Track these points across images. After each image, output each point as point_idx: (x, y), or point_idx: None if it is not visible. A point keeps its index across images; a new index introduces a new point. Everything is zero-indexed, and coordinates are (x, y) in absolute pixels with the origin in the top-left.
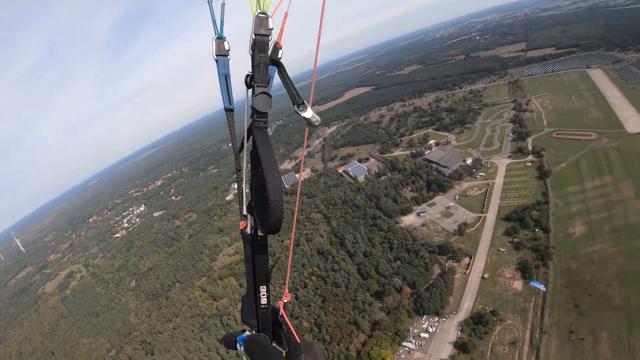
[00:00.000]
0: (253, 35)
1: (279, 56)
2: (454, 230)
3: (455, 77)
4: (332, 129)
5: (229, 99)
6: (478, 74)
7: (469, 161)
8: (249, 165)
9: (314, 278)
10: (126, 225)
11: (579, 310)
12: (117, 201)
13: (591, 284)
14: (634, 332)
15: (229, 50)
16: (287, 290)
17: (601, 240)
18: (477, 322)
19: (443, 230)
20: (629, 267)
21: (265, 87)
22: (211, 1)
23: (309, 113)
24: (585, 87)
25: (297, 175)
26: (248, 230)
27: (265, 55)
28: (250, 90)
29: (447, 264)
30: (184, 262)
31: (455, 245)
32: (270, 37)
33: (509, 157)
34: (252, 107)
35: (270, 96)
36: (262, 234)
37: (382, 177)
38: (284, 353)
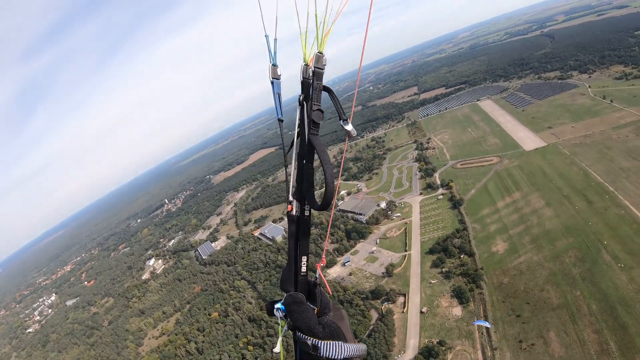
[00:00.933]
0: (312, 68)
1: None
2: (382, 273)
3: (355, 127)
4: (242, 193)
5: (281, 111)
6: (377, 122)
7: (383, 205)
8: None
9: (250, 347)
10: (38, 318)
11: (521, 319)
12: (25, 292)
13: (526, 293)
14: (578, 324)
15: (280, 75)
16: (324, 256)
17: (524, 251)
18: (428, 356)
19: (371, 275)
20: (556, 269)
21: (320, 105)
22: (267, 35)
23: (349, 127)
24: (479, 118)
25: (213, 244)
26: (294, 212)
27: (320, 83)
28: (299, 107)
29: (383, 307)
30: (107, 351)
31: (387, 287)
32: (324, 70)
33: (421, 194)
34: (310, 119)
35: (323, 112)
36: (307, 214)
37: None
38: (316, 310)
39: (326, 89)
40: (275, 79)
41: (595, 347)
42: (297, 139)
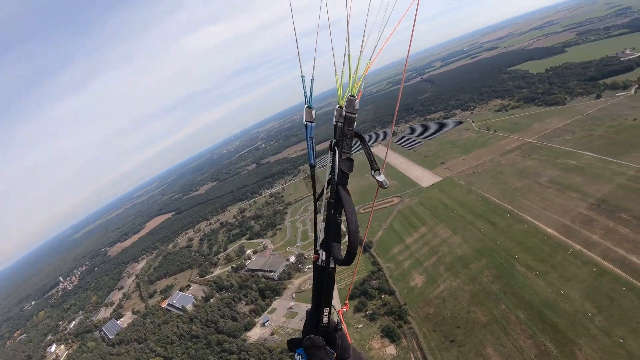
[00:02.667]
0: (344, 113)
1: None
2: None
3: (252, 185)
4: (142, 263)
5: (314, 157)
6: (273, 178)
7: (292, 259)
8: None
9: None
10: None
11: (456, 343)
12: None
13: (454, 318)
14: (511, 334)
15: (315, 118)
16: (347, 301)
17: (442, 279)
18: None
19: (295, 331)
20: (477, 289)
21: (350, 154)
22: (304, 76)
23: (381, 177)
24: None
25: (119, 321)
26: (319, 263)
27: (352, 129)
28: (331, 153)
29: None
30: None
31: None
32: (356, 115)
33: None
34: (339, 168)
35: (353, 161)
36: (332, 266)
37: (212, 300)
38: (335, 354)
39: (357, 135)
40: (310, 122)
41: (534, 350)
42: (327, 187)
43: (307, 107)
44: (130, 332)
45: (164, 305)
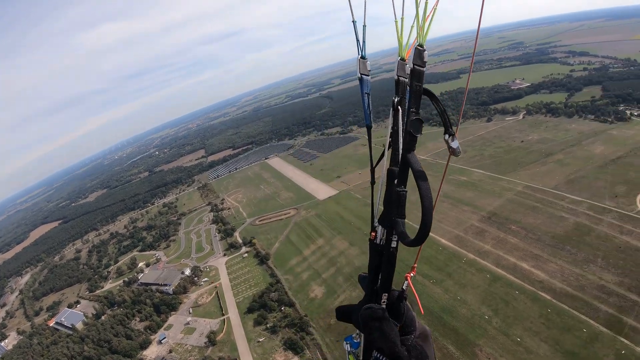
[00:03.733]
0: (411, 65)
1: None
2: (205, 342)
3: (144, 194)
4: (26, 277)
5: (371, 116)
6: (167, 187)
7: (187, 272)
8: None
9: None
10: None
11: None
12: None
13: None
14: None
15: (370, 70)
16: (415, 264)
17: (342, 290)
18: None
19: (194, 348)
20: None
21: (419, 113)
22: (356, 21)
23: (456, 144)
24: (270, 175)
25: (2, 343)
26: (377, 241)
27: (421, 85)
28: (393, 112)
29: None
30: None
31: (214, 356)
32: (425, 68)
33: (224, 255)
34: (407, 131)
35: (422, 122)
36: (394, 246)
37: (103, 317)
38: (398, 327)
39: (427, 92)
40: (365, 75)
41: (437, 354)
42: (387, 151)
43: (360, 57)
44: (16, 354)
45: (51, 323)
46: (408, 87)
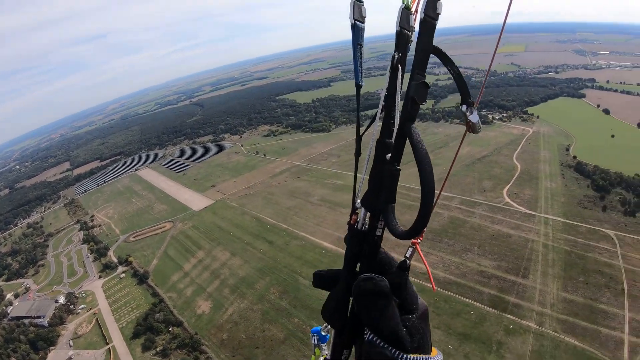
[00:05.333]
0: (422, 15)
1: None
2: None
3: (5, 214)
4: None
5: (361, 73)
6: (30, 205)
7: (61, 300)
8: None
9: None
10: None
11: None
12: None
13: (250, 339)
14: (310, 344)
15: (365, 17)
16: (424, 231)
17: (229, 303)
18: None
19: None
20: (266, 307)
21: (424, 76)
22: None
23: (475, 117)
24: (142, 187)
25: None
26: (358, 226)
27: (430, 41)
28: (391, 72)
29: None
30: None
31: None
32: (437, 21)
33: (100, 277)
34: (409, 96)
35: (428, 87)
36: (379, 234)
37: None
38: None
39: (437, 51)
40: (359, 21)
41: None
42: (379, 118)
43: (355, 0)
44: None
45: None
46: (416, 44)
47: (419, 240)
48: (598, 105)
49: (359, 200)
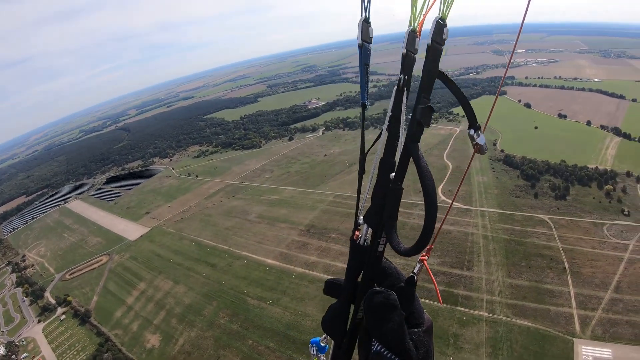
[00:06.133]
0: (429, 41)
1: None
2: None
3: None
4: None
5: (367, 92)
6: None
7: (1, 351)
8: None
9: None
10: None
11: None
12: None
13: None
14: None
15: (372, 37)
16: (431, 245)
17: (179, 333)
18: None
19: None
20: (218, 333)
21: (429, 100)
22: None
23: (482, 139)
24: (73, 220)
25: None
26: (360, 242)
27: (436, 65)
28: (396, 93)
29: None
30: None
31: None
32: (444, 46)
33: (39, 321)
34: (414, 119)
35: (433, 110)
36: (380, 250)
37: None
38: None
39: (442, 75)
40: (366, 42)
41: None
42: (385, 136)
43: (363, 21)
44: None
45: None
46: (423, 68)
47: (426, 257)
48: (519, 100)
49: (361, 217)
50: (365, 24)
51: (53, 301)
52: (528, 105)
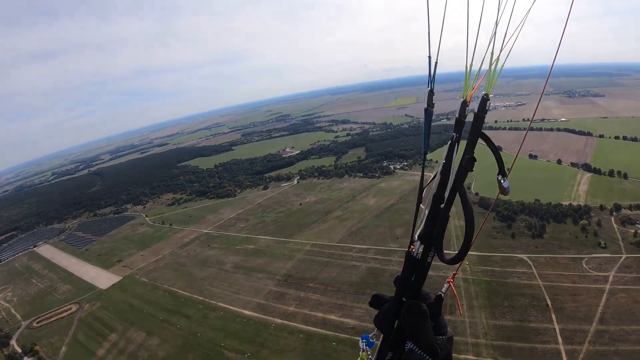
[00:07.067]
0: (475, 110)
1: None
2: None
3: None
4: None
5: (428, 144)
6: None
7: None
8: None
9: None
10: None
11: None
12: None
13: None
14: None
15: (434, 103)
16: (456, 272)
17: None
18: None
19: None
20: None
21: (473, 153)
22: (430, 56)
23: (506, 183)
24: (42, 266)
25: None
26: (414, 255)
27: (480, 128)
28: (449, 146)
29: None
30: None
31: None
32: (486, 115)
33: None
34: (462, 166)
35: (475, 160)
36: (429, 261)
37: None
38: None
39: (484, 135)
40: (430, 107)
41: None
42: (439, 176)
43: (429, 90)
44: None
45: None
46: (470, 131)
47: (452, 280)
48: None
49: (416, 235)
50: (431, 93)
51: (19, 350)
52: (500, 148)
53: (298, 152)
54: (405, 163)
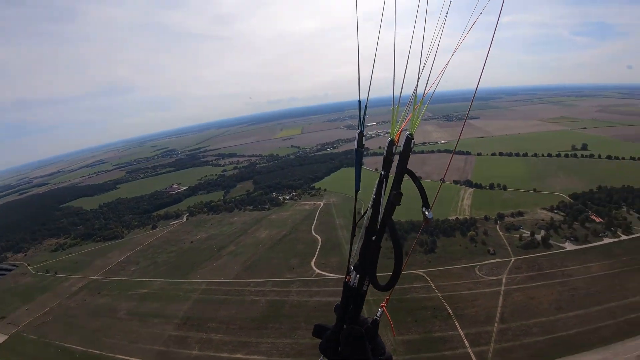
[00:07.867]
0: (401, 149)
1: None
2: None
3: None
4: None
5: (359, 184)
6: None
7: None
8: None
9: None
10: None
11: None
12: None
13: None
14: None
15: (364, 145)
16: (388, 297)
17: None
18: None
19: None
20: None
21: (400, 188)
22: (360, 100)
23: (430, 214)
24: None
25: None
26: (350, 284)
27: (405, 165)
28: (378, 183)
29: None
30: None
31: None
32: (411, 152)
33: None
34: (390, 202)
35: (402, 195)
36: (364, 289)
37: None
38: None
39: (409, 172)
40: (361, 147)
41: None
42: (370, 211)
43: (359, 132)
44: None
45: None
46: (397, 167)
47: (385, 305)
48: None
49: (352, 266)
50: (361, 134)
51: None
52: (420, 178)
53: (185, 188)
54: (294, 193)
